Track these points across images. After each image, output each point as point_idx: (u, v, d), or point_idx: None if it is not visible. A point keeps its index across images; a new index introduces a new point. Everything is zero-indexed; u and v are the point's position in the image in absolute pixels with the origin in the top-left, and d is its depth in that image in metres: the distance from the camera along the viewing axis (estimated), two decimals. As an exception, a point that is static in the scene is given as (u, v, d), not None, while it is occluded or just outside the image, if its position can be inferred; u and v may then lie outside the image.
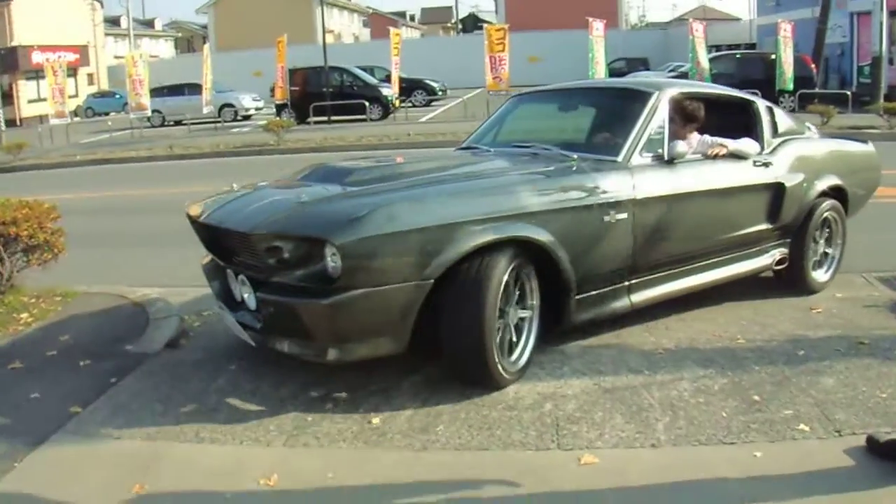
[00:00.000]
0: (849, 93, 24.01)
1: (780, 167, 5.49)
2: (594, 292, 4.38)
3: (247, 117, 29.68)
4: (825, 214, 5.83)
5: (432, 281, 3.67)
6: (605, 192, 4.34)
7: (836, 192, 5.95)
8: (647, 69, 40.57)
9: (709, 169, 5.07)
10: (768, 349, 4.60)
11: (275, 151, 18.20)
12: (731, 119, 5.63)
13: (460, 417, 3.75)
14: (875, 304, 5.53)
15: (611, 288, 4.50)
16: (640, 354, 4.51)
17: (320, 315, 3.59)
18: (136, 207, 11.96)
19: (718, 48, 37.78)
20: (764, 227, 5.43)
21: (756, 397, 3.90)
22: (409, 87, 27.02)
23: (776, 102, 22.99)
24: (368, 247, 3.53)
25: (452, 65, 38.18)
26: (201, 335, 5.22)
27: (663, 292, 4.86)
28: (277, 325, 3.81)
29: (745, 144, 5.33)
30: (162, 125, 30.20)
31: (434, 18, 79.89)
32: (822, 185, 5.75)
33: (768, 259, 5.58)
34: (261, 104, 30.46)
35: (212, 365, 4.60)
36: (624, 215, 4.38)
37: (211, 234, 4.36)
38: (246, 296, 4.07)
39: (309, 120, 23.13)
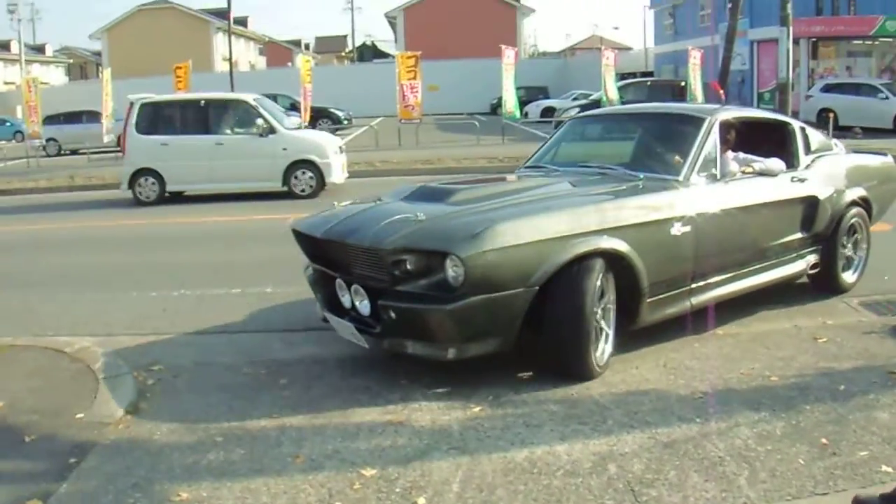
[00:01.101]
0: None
1: (814, 182, 6.17)
2: (661, 295, 4.93)
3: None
4: (852, 221, 6.49)
5: (537, 287, 4.27)
6: (671, 207, 4.97)
7: (862, 202, 6.62)
8: (547, 97, 41.28)
9: (754, 185, 5.71)
10: (806, 385, 4.40)
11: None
12: (769, 138, 6.39)
13: (519, 490, 3.28)
14: (873, 331, 5.52)
15: (676, 292, 5.06)
16: (681, 400, 4.20)
17: (444, 319, 4.17)
18: (44, 243, 10.90)
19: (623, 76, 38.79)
20: (801, 235, 6.09)
21: (824, 440, 3.66)
22: (315, 116, 26.34)
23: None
24: (485, 259, 4.11)
25: (352, 93, 37.91)
26: (161, 395, 4.61)
27: (718, 295, 5.43)
28: (400, 329, 4.32)
29: (772, 163, 5.87)
30: (58, 154, 28.65)
31: (328, 47, 79.69)
32: (850, 196, 6.44)
33: (804, 264, 6.20)
34: (164, 132, 29.17)
35: (189, 433, 3.99)
36: (688, 228, 5.00)
37: (327, 249, 4.90)
38: (359, 303, 4.60)
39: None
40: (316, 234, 4.93)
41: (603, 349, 4.58)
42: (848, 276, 6.57)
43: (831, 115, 25.77)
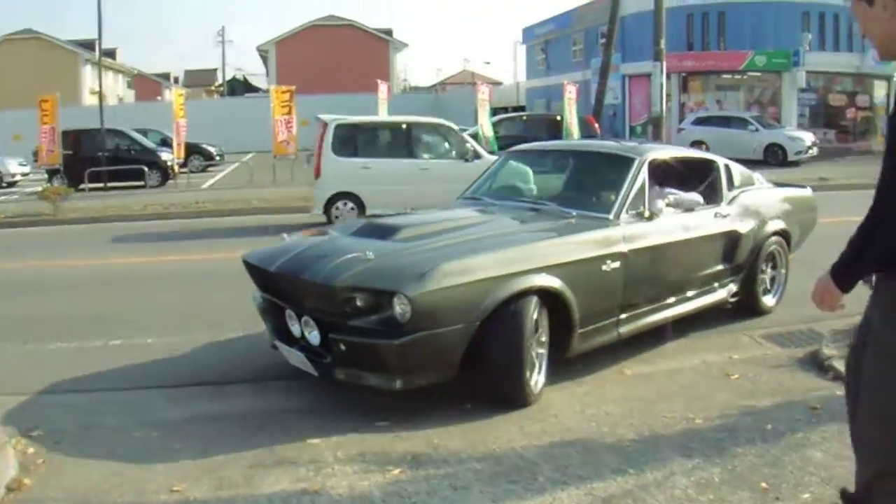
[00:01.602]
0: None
1: (736, 216, 6.67)
2: (592, 326, 5.26)
3: (12, 184, 26.55)
4: (771, 249, 7.07)
5: (478, 323, 4.55)
6: (602, 245, 5.31)
7: (782, 233, 7.16)
8: (423, 132, 41.36)
9: (679, 222, 6.09)
10: (732, 426, 4.34)
11: (53, 222, 15.95)
12: (695, 176, 6.80)
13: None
14: (781, 364, 5.62)
15: (605, 322, 5.41)
16: (610, 450, 4.04)
17: (392, 353, 4.41)
18: None
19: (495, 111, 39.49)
20: (723, 266, 6.56)
21: (763, 485, 3.59)
22: (186, 152, 25.45)
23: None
24: (431, 298, 4.38)
25: (223, 128, 37.01)
26: (45, 467, 4.06)
27: (645, 324, 5.83)
28: (350, 361, 4.56)
29: (687, 196, 6.21)
30: None
31: (198, 81, 77.86)
32: (770, 227, 7.01)
33: (725, 293, 6.66)
34: (27, 169, 27.39)
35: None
36: (617, 264, 5.35)
37: (279, 282, 5.08)
38: (309, 334, 4.82)
39: (83, 186, 21.00)
40: (268, 268, 5.11)
41: (537, 379, 4.83)
42: (768, 300, 7.13)
43: (704, 146, 26.98)
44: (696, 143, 28.28)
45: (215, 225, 14.41)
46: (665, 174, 6.54)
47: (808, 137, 27.21)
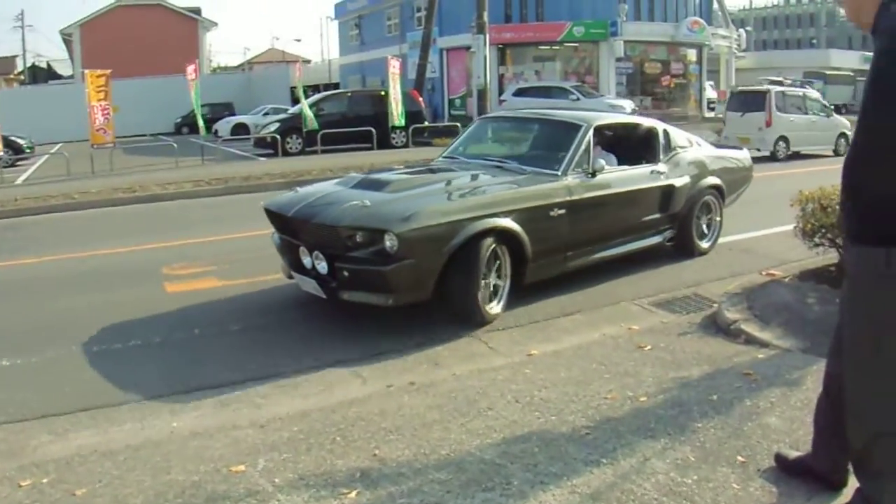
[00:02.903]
0: (458, 125, 25.83)
1: (671, 173, 8.08)
2: (543, 261, 6.71)
3: None
4: (706, 201, 8.53)
5: (448, 255, 5.95)
6: (550, 196, 6.76)
7: (715, 188, 8.60)
8: (234, 114, 40.35)
9: (619, 177, 7.56)
10: (679, 401, 4.37)
11: None
12: (637, 139, 8.27)
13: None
14: (686, 332, 5.82)
15: (554, 258, 6.89)
16: (570, 441, 3.92)
17: (384, 277, 5.79)
18: None
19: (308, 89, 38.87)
20: (659, 215, 7.99)
21: (740, 458, 3.63)
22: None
23: (389, 139, 24.39)
24: (413, 235, 5.77)
25: (30, 118, 34.25)
26: None
27: (589, 260, 7.30)
28: (351, 284, 5.95)
29: (603, 159, 7.40)
30: None
31: (-6, 69, 71.53)
32: (704, 183, 8.46)
33: (661, 237, 8.16)
34: None
35: None
36: (563, 211, 6.80)
37: (294, 224, 6.45)
38: (319, 265, 6.19)
39: None
40: (286, 213, 6.50)
41: (493, 305, 6.32)
42: (703, 244, 8.60)
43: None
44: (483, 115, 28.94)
45: (40, 223, 13.17)
46: (609, 138, 8.14)
47: (628, 105, 28.57)
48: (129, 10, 52.78)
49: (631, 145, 8.16)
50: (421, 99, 28.42)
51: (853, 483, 3.08)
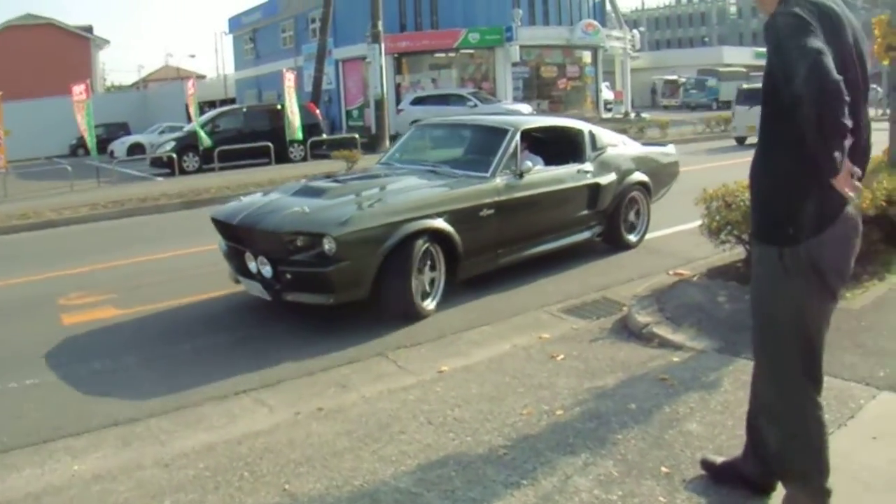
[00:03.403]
0: (357, 136, 25.61)
1: (598, 172, 8.46)
2: (475, 259, 7.13)
3: None
4: (632, 196, 8.92)
5: (383, 256, 6.34)
6: (479, 197, 7.15)
7: (641, 184, 8.98)
8: (129, 133, 39.33)
9: (546, 177, 7.92)
10: (597, 413, 4.26)
11: None
12: (564, 140, 8.62)
13: None
14: (598, 338, 5.75)
15: (486, 255, 7.31)
16: (487, 462, 3.75)
17: (324, 277, 6.19)
18: None
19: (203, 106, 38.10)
20: (587, 212, 8.41)
21: (664, 469, 3.53)
22: None
23: (287, 153, 23.98)
24: (350, 237, 6.17)
25: None
26: None
27: (520, 257, 7.72)
28: (294, 286, 6.34)
29: (530, 160, 7.77)
30: None
31: None
32: (631, 179, 8.86)
33: (590, 233, 8.58)
34: None
35: None
36: (492, 211, 7.20)
37: (239, 231, 6.81)
38: (263, 269, 6.53)
39: None
40: (231, 222, 6.89)
41: (428, 302, 6.74)
42: (632, 237, 9.01)
43: (426, 126, 27.58)
44: (417, 122, 28.91)
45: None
46: (537, 140, 8.43)
47: (525, 109, 28.76)
48: (20, 30, 51.14)
49: (558, 146, 8.53)
50: (318, 111, 28.08)
51: (782, 488, 3.01)
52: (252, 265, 6.71)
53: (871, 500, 3.16)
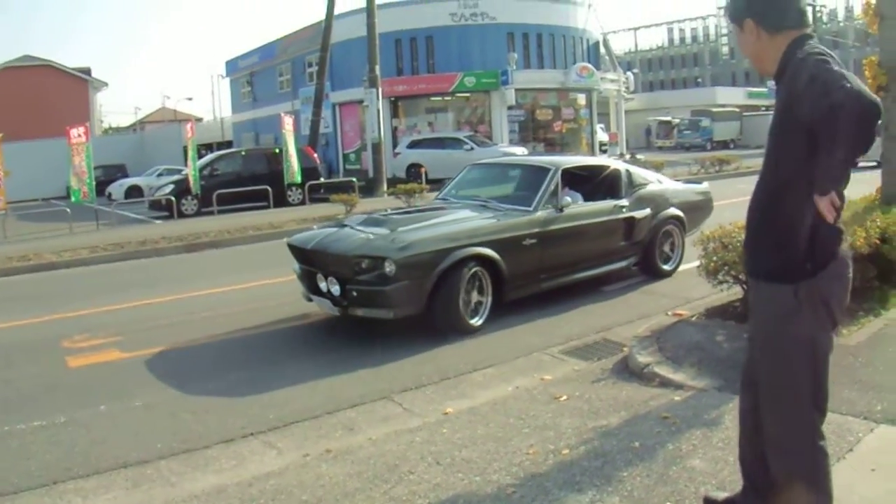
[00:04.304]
0: (354, 179, 25.82)
1: (632, 207, 9.27)
2: (520, 283, 8.09)
3: None
4: (667, 230, 9.73)
5: (436, 277, 7.35)
6: (523, 228, 8.15)
7: (675, 218, 9.77)
8: (126, 175, 39.49)
9: (585, 211, 8.86)
10: (601, 451, 4.34)
11: None
12: (601, 178, 9.53)
13: None
14: (599, 378, 5.85)
15: (530, 280, 8.26)
16: (497, 501, 3.84)
17: (386, 295, 7.21)
18: None
19: (202, 148, 38.37)
20: (624, 243, 9.24)
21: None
22: None
23: (285, 197, 24.13)
24: (407, 261, 7.24)
25: None
26: None
27: (560, 282, 8.61)
28: (360, 302, 7.39)
29: (570, 196, 8.73)
30: None
31: None
32: (664, 214, 9.66)
33: (626, 262, 9.39)
34: None
35: None
36: (534, 241, 8.17)
37: (312, 255, 7.95)
38: (332, 288, 7.61)
39: None
40: (306, 247, 8.01)
41: (476, 319, 7.65)
42: (666, 267, 9.74)
43: (423, 169, 27.80)
44: (414, 166, 29.17)
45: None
46: (578, 178, 9.36)
47: (520, 151, 28.97)
48: (18, 72, 51.56)
49: (597, 184, 9.44)
50: (315, 155, 28.34)
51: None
52: (322, 285, 7.77)
53: (871, 533, 3.26)
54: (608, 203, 9.09)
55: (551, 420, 4.92)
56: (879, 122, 2.60)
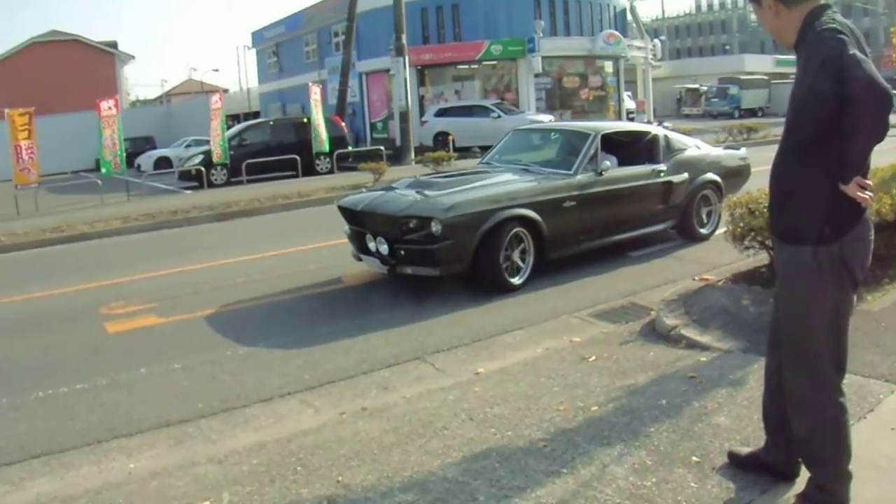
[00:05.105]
0: (382, 148, 25.92)
1: (670, 171, 9.49)
2: (560, 242, 8.38)
3: None
4: (704, 193, 9.89)
5: (480, 237, 7.68)
6: (563, 190, 8.45)
7: (712, 183, 9.97)
8: (154, 147, 39.78)
9: (623, 175, 9.10)
10: (630, 408, 4.49)
11: None
12: (640, 143, 9.74)
13: None
14: (627, 341, 5.97)
15: (570, 240, 8.55)
16: (528, 454, 3.99)
17: (432, 253, 7.62)
18: None
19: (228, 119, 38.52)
20: (661, 207, 9.45)
21: (695, 458, 3.75)
22: None
23: (314, 166, 24.29)
24: (453, 221, 7.59)
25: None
26: None
27: (599, 243, 8.91)
28: (407, 261, 7.77)
29: (605, 161, 8.89)
30: None
31: None
32: (702, 179, 9.87)
33: (664, 225, 9.63)
34: None
35: None
36: (574, 203, 8.46)
37: (361, 216, 8.29)
38: (381, 247, 7.99)
39: None
40: (356, 208, 8.35)
41: (516, 278, 7.97)
42: (703, 230, 9.93)
43: (450, 137, 27.83)
44: (441, 135, 29.20)
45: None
46: (617, 143, 9.45)
47: (547, 119, 28.92)
48: (45, 47, 51.69)
49: (636, 149, 9.65)
50: (343, 124, 28.43)
51: (806, 473, 3.23)
52: (371, 245, 8.14)
53: (890, 485, 3.37)
54: (646, 167, 9.31)
55: (580, 379, 5.06)
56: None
